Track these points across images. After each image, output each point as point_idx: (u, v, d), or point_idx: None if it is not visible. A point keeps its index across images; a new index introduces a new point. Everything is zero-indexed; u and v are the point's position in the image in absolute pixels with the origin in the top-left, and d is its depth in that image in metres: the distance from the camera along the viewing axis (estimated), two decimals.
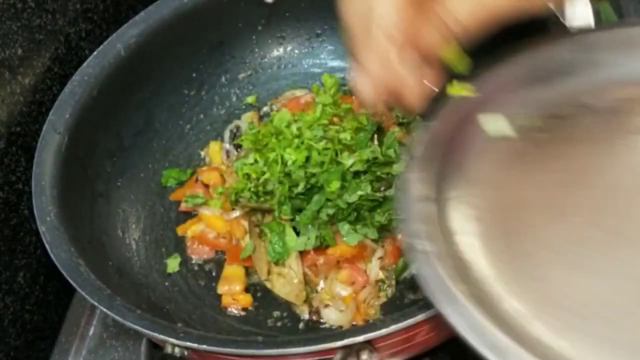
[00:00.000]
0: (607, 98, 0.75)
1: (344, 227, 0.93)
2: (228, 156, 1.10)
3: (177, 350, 0.73)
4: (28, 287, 1.00)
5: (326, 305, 0.93)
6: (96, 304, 0.76)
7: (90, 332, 1.02)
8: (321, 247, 0.94)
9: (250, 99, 1.16)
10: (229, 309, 0.95)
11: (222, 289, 0.96)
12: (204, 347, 0.71)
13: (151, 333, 0.73)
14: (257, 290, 0.97)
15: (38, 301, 1.02)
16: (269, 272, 0.96)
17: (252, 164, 0.98)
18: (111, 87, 0.98)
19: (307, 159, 0.95)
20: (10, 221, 0.96)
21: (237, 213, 1.00)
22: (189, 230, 1.02)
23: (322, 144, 0.95)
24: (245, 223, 0.99)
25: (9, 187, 0.96)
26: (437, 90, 0.69)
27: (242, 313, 0.95)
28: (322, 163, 0.93)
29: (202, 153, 1.12)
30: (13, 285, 0.96)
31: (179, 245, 1.02)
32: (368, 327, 0.70)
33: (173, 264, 0.99)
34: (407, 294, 0.93)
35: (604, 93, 0.75)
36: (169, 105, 1.09)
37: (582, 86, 0.76)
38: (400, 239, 0.96)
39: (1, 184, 0.95)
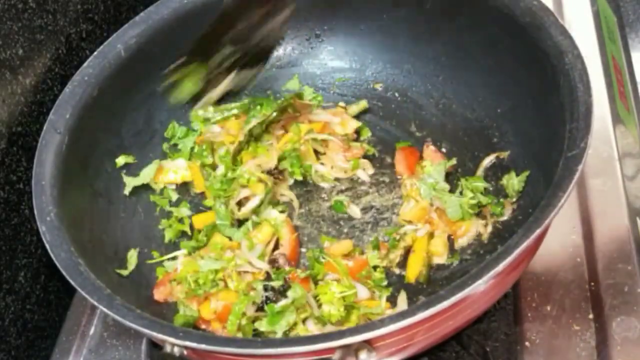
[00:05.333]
0: None
1: None
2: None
3: (176, 349, 0.73)
4: (29, 286, 1.00)
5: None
6: (96, 303, 0.76)
7: (91, 332, 1.02)
8: None
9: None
10: None
11: None
12: (203, 346, 0.71)
13: (150, 332, 0.74)
14: None
15: (39, 301, 1.02)
16: None
17: None
18: (111, 87, 0.99)
19: None
20: (11, 221, 0.97)
21: None
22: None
23: None
24: None
25: (10, 186, 0.96)
26: None
27: None
28: None
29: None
30: (14, 285, 0.97)
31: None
32: (367, 326, 0.70)
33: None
34: None
35: None
36: (169, 105, 1.09)
37: None
38: None
39: (2, 184, 0.95)
